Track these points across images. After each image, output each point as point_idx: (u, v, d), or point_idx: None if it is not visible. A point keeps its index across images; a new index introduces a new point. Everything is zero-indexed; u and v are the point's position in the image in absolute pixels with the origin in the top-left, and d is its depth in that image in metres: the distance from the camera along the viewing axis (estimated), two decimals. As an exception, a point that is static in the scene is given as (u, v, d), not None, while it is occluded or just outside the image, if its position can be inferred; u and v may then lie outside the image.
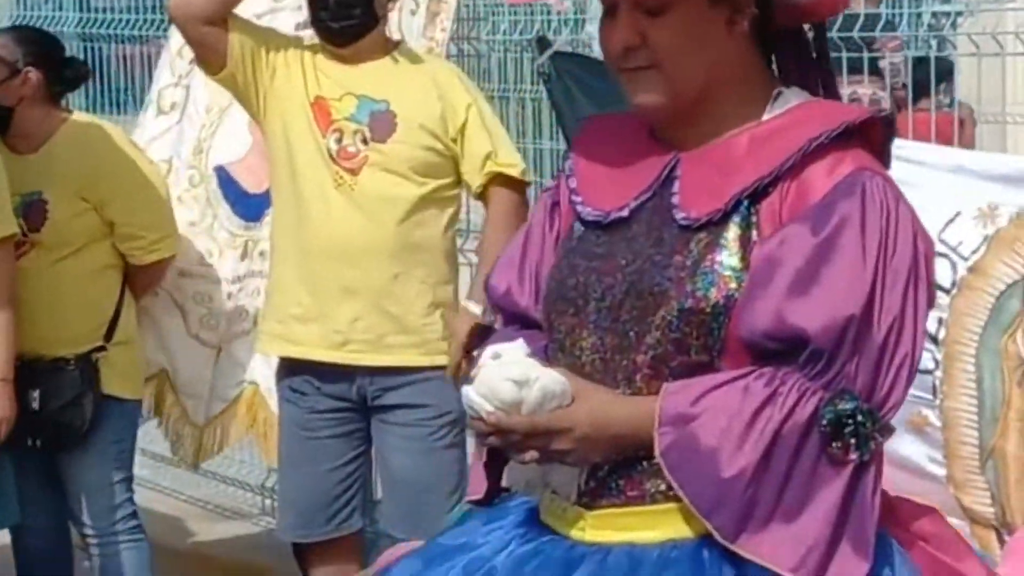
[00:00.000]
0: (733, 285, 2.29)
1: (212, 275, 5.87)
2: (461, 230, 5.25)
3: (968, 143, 6.43)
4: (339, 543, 4.99)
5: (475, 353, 2.66)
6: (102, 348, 5.24)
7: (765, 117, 2.37)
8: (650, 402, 2.25)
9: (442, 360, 4.86)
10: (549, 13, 6.66)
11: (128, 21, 7.87)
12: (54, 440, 5.22)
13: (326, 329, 4.81)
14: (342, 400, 4.85)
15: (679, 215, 2.33)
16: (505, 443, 2.30)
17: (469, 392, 2.24)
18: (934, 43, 6.34)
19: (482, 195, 4.94)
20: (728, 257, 2.33)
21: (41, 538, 5.45)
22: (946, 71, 6.30)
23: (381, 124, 4.78)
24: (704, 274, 2.32)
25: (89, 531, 5.38)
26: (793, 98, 2.40)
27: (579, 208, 2.48)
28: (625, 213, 2.42)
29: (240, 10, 4.87)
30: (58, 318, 5.21)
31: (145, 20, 7.67)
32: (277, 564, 5.56)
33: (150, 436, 6.11)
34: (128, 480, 5.52)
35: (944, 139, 5.81)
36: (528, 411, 2.23)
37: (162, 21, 7.09)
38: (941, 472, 4.69)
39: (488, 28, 6.32)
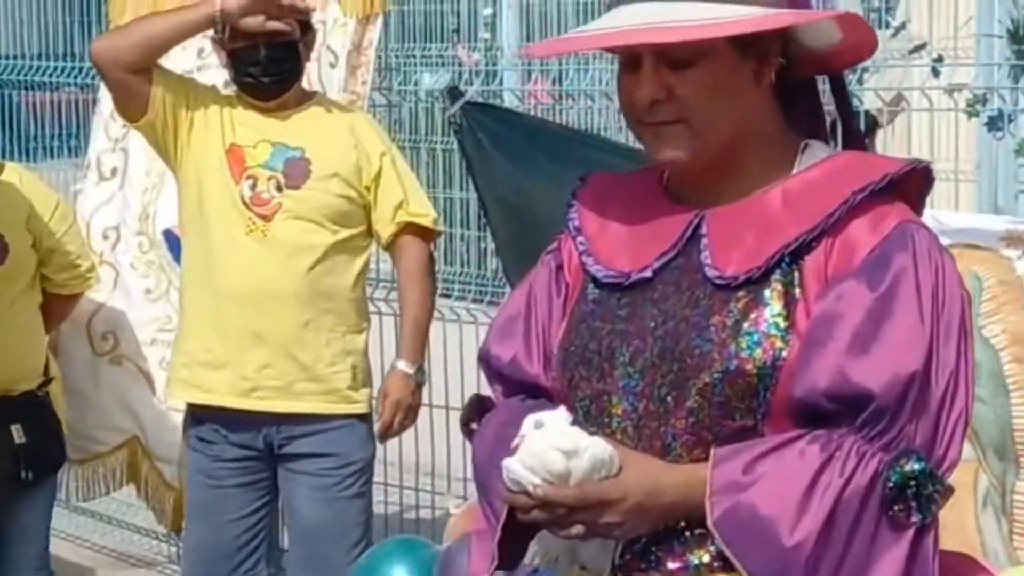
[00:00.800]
0: (779, 344, 2.21)
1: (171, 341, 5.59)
2: (371, 279, 5.18)
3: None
4: None
5: (473, 426, 2.58)
6: (48, 381, 5.28)
7: (794, 171, 2.32)
8: (701, 469, 2.17)
9: (350, 409, 4.79)
10: (460, 65, 6.60)
11: (38, 68, 7.58)
12: (40, 473, 5.19)
13: (235, 376, 4.71)
14: (248, 449, 4.77)
15: (713, 274, 2.25)
16: (551, 517, 2.18)
17: (513, 465, 2.13)
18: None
19: (391, 245, 4.91)
20: (772, 316, 2.25)
21: None
22: (867, 125, 6.05)
23: (296, 171, 4.73)
24: (748, 334, 2.23)
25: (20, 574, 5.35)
26: (820, 151, 2.37)
27: (593, 270, 2.39)
28: (648, 274, 2.33)
29: (168, 65, 4.91)
30: (22, 352, 5.21)
31: (56, 68, 7.49)
32: None
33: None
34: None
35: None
36: (576, 482, 2.14)
37: (72, 69, 7.13)
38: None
39: (400, 79, 6.21)
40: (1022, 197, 5.80)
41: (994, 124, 5.63)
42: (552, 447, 2.09)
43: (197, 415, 4.86)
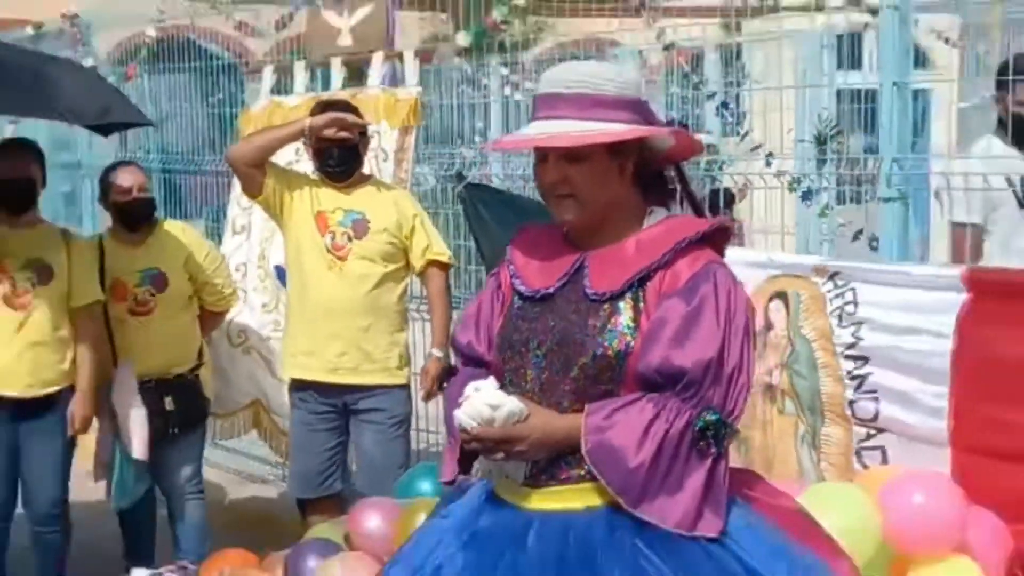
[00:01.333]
0: (629, 339, 2.62)
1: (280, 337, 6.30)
2: (410, 296, 5.70)
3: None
4: (327, 499, 5.39)
5: (445, 384, 3.10)
6: (199, 366, 5.82)
7: (644, 227, 2.74)
8: (579, 418, 2.55)
9: (396, 381, 5.35)
10: (463, 158, 7.13)
11: (194, 160, 8.42)
12: (184, 428, 5.74)
13: (322, 361, 5.22)
14: (331, 407, 5.30)
15: (590, 292, 2.65)
16: (483, 448, 2.61)
17: (458, 414, 2.56)
18: (708, 180, 6.75)
19: (421, 274, 5.43)
20: (625, 320, 2.65)
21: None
22: (727, 199, 6.74)
23: (360, 228, 5.25)
24: (610, 331, 2.63)
25: (180, 488, 5.83)
26: (660, 214, 2.77)
27: (518, 287, 2.80)
28: (551, 291, 2.73)
29: (275, 159, 5.49)
30: (177, 348, 5.76)
31: (207, 160, 8.18)
32: (287, 515, 5.92)
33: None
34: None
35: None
36: (498, 425, 2.55)
37: (215, 161, 7.78)
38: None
39: (426, 167, 6.90)
40: (825, 244, 6.31)
41: (806, 197, 6.06)
42: (483, 403, 2.53)
43: (299, 385, 5.32)
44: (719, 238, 2.75)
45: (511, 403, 2.54)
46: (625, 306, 2.62)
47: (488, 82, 7.20)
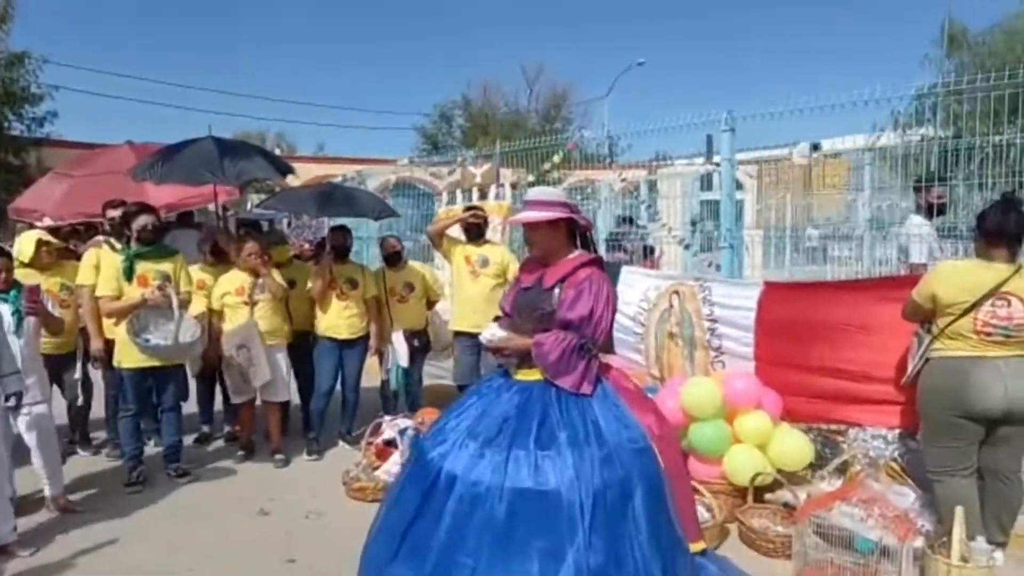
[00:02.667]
0: (555, 304, 2.86)
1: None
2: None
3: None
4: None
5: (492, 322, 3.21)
6: (427, 325, 5.92)
7: (570, 257, 2.95)
8: (529, 340, 2.84)
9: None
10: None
11: (413, 235, 8.30)
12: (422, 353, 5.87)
13: (469, 321, 5.15)
14: (473, 343, 5.02)
15: (545, 284, 2.93)
16: (495, 352, 3.03)
17: (484, 334, 3.00)
18: (640, 240, 6.62)
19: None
20: (555, 298, 2.88)
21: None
22: (651, 250, 6.44)
23: (486, 263, 5.32)
24: (548, 301, 2.88)
25: (417, 380, 5.90)
26: (575, 251, 2.99)
27: (520, 283, 3.08)
28: (530, 285, 2.99)
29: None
30: (418, 317, 5.79)
31: (419, 235, 8.11)
32: (454, 391, 5.51)
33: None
34: None
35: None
36: (499, 342, 2.92)
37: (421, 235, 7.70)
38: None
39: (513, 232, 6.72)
40: (695, 270, 6.03)
41: (688, 248, 5.96)
42: (492, 331, 2.95)
43: (457, 334, 5.41)
44: (598, 262, 3.00)
45: (501, 331, 2.93)
46: (557, 291, 2.88)
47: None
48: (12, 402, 3.61)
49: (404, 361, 5.60)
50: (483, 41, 58.75)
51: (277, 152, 20.57)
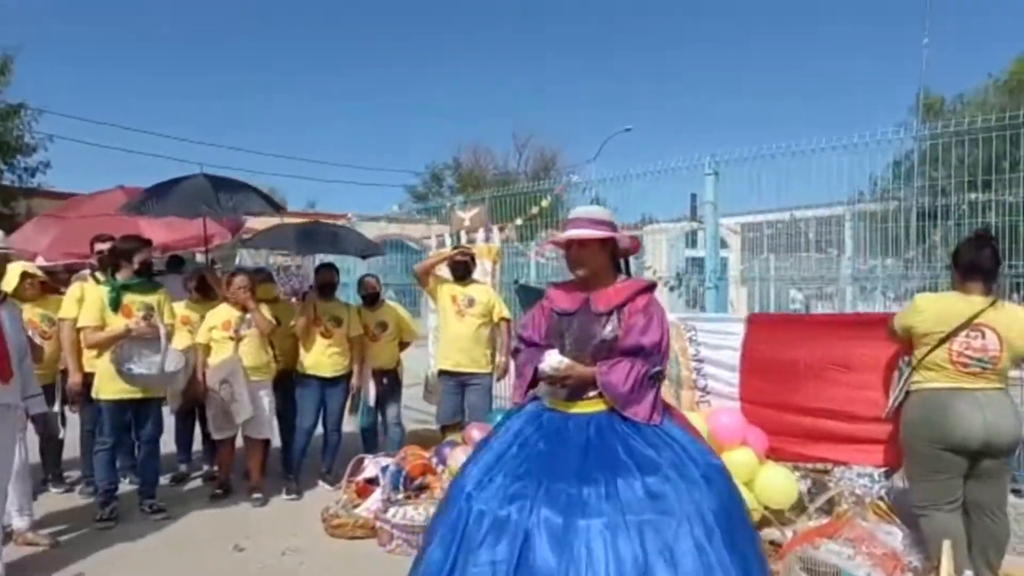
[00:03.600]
0: (617, 332, 2.68)
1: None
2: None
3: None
4: (454, 426, 5.25)
5: (516, 351, 2.99)
6: (399, 364, 5.94)
7: (618, 282, 2.81)
8: (594, 368, 2.66)
9: (486, 370, 5.25)
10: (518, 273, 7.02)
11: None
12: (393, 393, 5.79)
13: (453, 361, 5.23)
14: (457, 383, 5.25)
15: (596, 310, 2.75)
16: (551, 381, 2.72)
17: (543, 364, 2.67)
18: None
19: (497, 324, 5.36)
20: (614, 324, 2.71)
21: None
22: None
23: (471, 302, 5.31)
24: (607, 329, 2.70)
25: (392, 419, 5.75)
26: (623, 277, 2.85)
27: (555, 308, 2.88)
28: (572, 311, 2.81)
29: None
30: (390, 356, 5.76)
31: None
32: (435, 435, 5.58)
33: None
34: None
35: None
36: (562, 370, 2.66)
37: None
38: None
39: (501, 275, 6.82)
40: (681, 310, 6.23)
41: (673, 289, 6.19)
42: (556, 358, 2.68)
43: (443, 373, 5.36)
44: (653, 288, 2.91)
45: (566, 360, 2.72)
46: (614, 317, 2.73)
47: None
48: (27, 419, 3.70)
49: (371, 400, 5.52)
50: (473, 104, 60.14)
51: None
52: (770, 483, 4.10)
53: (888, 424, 3.76)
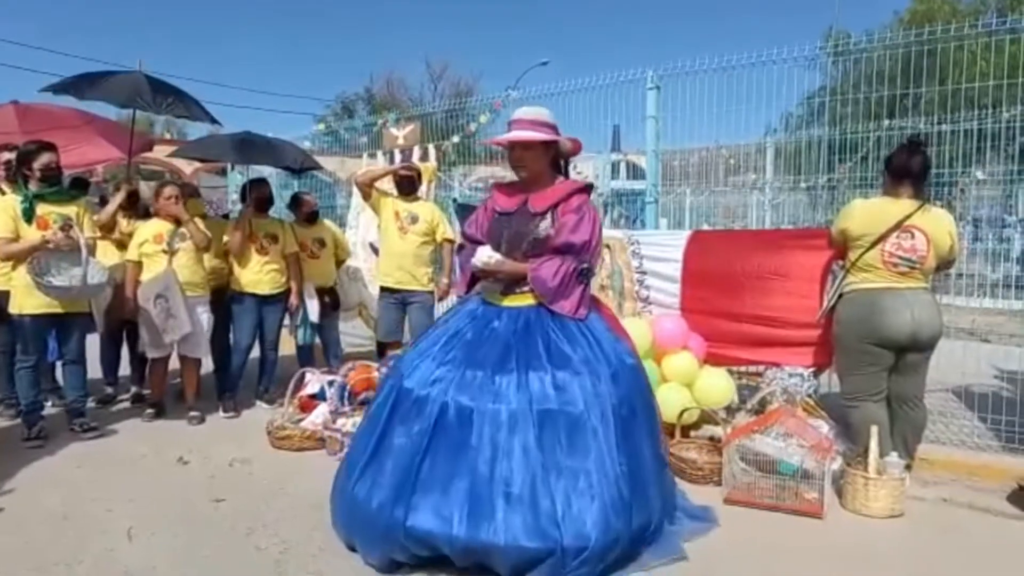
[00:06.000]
0: (549, 231, 2.84)
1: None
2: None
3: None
4: (393, 343, 5.24)
5: (458, 248, 3.44)
6: (334, 284, 5.93)
7: (556, 183, 2.95)
8: (525, 264, 2.85)
9: (426, 288, 5.18)
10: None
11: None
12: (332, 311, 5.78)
13: (394, 278, 5.16)
14: (397, 300, 5.18)
15: (533, 209, 2.89)
16: (484, 274, 2.93)
17: (475, 258, 2.88)
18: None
19: (440, 244, 5.27)
20: (548, 223, 2.86)
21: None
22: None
23: (415, 219, 5.18)
24: (541, 227, 2.85)
25: (334, 337, 5.84)
26: (560, 178, 2.99)
27: (496, 208, 3.01)
28: (512, 209, 2.94)
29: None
30: (327, 275, 5.73)
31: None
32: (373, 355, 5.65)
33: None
34: None
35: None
36: (494, 265, 2.85)
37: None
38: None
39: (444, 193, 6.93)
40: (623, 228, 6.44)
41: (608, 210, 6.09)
42: (487, 254, 2.85)
43: (384, 290, 5.27)
44: (589, 189, 3.03)
45: (497, 255, 2.86)
46: (548, 216, 2.87)
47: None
48: None
49: (314, 316, 5.47)
50: (385, 37, 58.44)
51: (166, 136, 18.90)
52: (708, 384, 4.35)
53: (818, 328, 4.02)
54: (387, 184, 5.44)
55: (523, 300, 2.81)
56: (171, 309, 4.70)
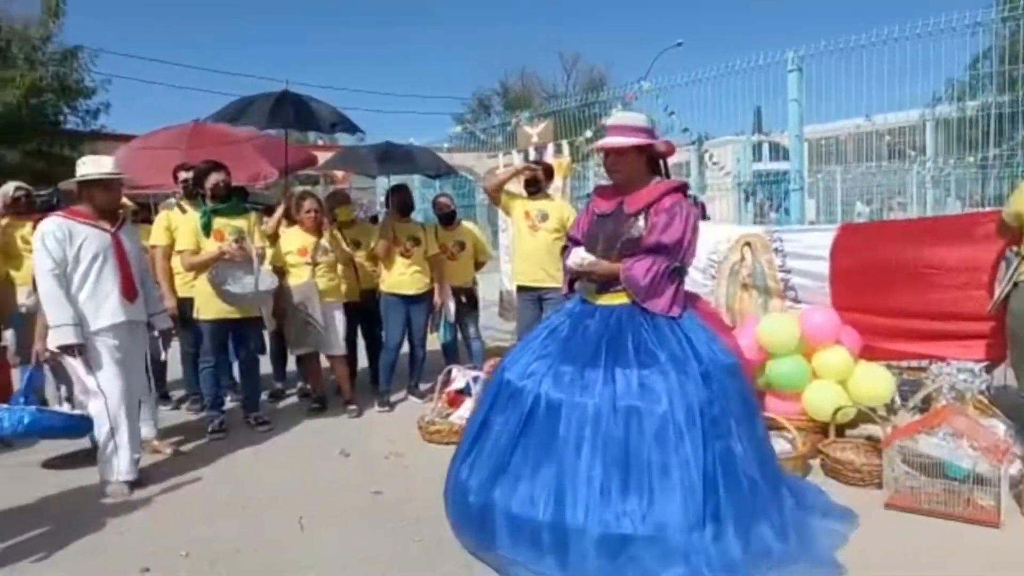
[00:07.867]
0: (643, 231, 2.86)
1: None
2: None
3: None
4: None
5: (567, 249, 3.19)
6: (475, 284, 6.07)
7: (651, 184, 2.97)
8: (618, 264, 2.87)
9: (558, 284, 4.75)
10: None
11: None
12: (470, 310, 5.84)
13: (530, 276, 5.16)
14: (534, 298, 5.13)
15: (627, 211, 2.93)
16: (577, 275, 3.04)
17: (569, 260, 2.99)
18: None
19: None
20: (641, 223, 2.88)
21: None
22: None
23: (545, 217, 5.19)
24: (635, 228, 2.88)
25: (471, 333, 5.85)
26: (656, 179, 3.01)
27: (596, 210, 3.08)
28: (609, 211, 3.00)
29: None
30: (467, 275, 5.89)
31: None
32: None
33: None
34: None
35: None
36: (588, 265, 2.92)
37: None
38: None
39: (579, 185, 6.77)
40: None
41: (748, 200, 6.03)
42: (580, 255, 2.93)
43: (519, 288, 5.31)
44: (684, 188, 3.01)
45: (590, 256, 2.92)
46: (642, 217, 2.89)
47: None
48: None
49: (451, 316, 5.63)
50: (518, 30, 58.91)
51: (320, 143, 20.22)
52: (865, 380, 4.10)
53: (990, 319, 3.70)
54: (517, 185, 5.49)
55: (617, 299, 2.87)
56: (310, 317, 5.04)
